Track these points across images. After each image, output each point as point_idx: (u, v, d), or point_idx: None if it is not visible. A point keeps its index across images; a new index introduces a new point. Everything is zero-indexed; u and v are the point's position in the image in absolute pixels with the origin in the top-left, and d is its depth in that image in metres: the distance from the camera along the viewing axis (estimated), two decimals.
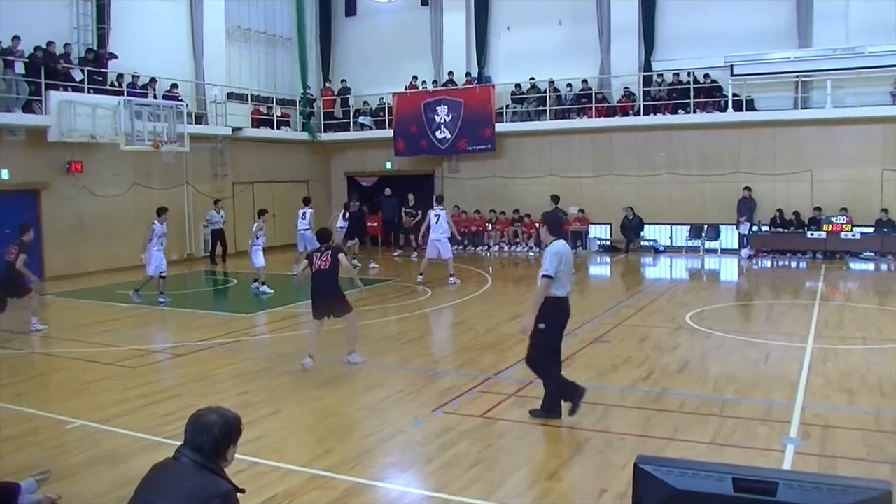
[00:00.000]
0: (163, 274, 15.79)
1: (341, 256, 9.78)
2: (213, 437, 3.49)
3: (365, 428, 7.62)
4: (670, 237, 23.80)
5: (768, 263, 21.10)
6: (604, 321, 12.94)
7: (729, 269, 20.91)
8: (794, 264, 20.83)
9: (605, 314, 13.62)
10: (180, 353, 11.25)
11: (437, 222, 17.77)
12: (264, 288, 16.86)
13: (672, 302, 15.18)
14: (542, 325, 7.54)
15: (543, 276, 7.38)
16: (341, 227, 20.67)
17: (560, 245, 7.58)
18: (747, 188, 22.09)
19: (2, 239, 18.57)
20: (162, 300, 15.55)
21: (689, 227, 23.22)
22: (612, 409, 8.10)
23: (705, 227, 22.93)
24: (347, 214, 21.17)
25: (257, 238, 17.14)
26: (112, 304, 15.71)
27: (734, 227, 22.48)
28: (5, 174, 18.65)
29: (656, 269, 21.17)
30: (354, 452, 6.94)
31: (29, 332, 12.73)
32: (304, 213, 19.94)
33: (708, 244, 22.92)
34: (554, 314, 7.54)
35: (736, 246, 22.51)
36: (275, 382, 9.46)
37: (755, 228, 22.04)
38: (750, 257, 21.58)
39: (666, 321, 12.97)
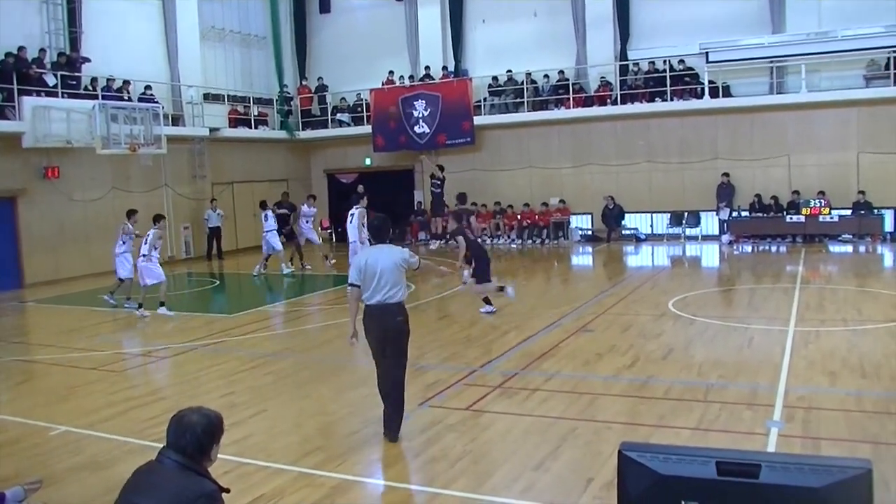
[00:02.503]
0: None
1: None
2: (196, 437, 3.47)
3: (350, 425, 7.62)
4: (651, 225, 23.91)
5: (749, 248, 21.25)
6: (587, 310, 12.98)
7: (710, 256, 21.05)
8: (774, 249, 20.99)
9: (589, 303, 13.66)
10: (164, 355, 11.20)
11: (350, 222, 16.68)
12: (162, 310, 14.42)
13: (655, 289, 15.25)
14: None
15: (348, 284, 7.29)
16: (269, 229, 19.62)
17: (367, 251, 7.34)
18: (726, 174, 22.22)
19: None
20: (110, 300, 15.57)
21: (669, 214, 23.34)
22: (598, 397, 8.13)
23: (685, 214, 23.04)
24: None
25: (155, 248, 14.48)
26: (94, 308, 15.59)
27: (714, 213, 22.63)
28: None
29: (638, 258, 21.27)
30: (341, 449, 6.94)
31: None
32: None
33: (688, 231, 23.03)
34: (363, 321, 7.22)
35: (716, 232, 22.66)
36: (259, 382, 9.44)
37: (735, 214, 22.19)
38: (730, 243, 21.71)
39: (649, 309, 13.03)
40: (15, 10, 19.70)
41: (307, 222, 20.43)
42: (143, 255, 14.32)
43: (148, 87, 22.36)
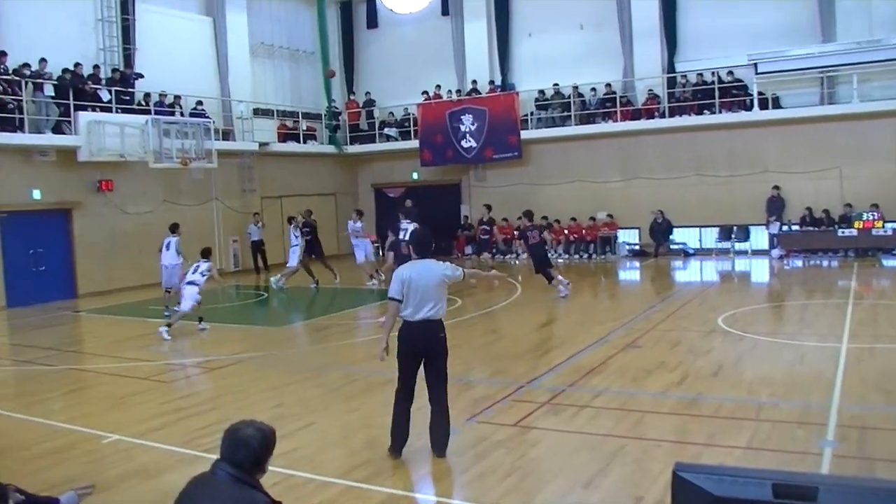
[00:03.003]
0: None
1: None
2: (252, 450, 3.53)
3: None
4: (699, 239, 23.65)
5: (799, 263, 20.90)
6: (635, 326, 12.86)
7: (760, 270, 20.74)
8: (825, 263, 20.63)
9: (637, 319, 13.54)
10: (213, 366, 11.33)
11: (404, 237, 16.46)
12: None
13: (703, 305, 15.07)
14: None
15: (388, 297, 7.01)
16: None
17: (410, 266, 7.02)
18: (776, 187, 21.90)
19: (36, 258, 18.93)
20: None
21: (718, 228, 23.06)
22: (647, 415, 8.03)
23: (734, 228, 22.74)
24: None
25: (203, 277, 14.44)
26: (145, 319, 15.84)
27: (764, 227, 22.29)
28: (38, 194, 18.96)
29: (686, 273, 21.05)
30: (389, 463, 6.94)
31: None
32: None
33: (738, 245, 22.74)
34: (399, 338, 6.99)
35: (766, 246, 22.30)
36: (308, 394, 9.50)
37: (785, 228, 21.84)
38: (781, 257, 21.37)
39: (698, 325, 12.87)
40: (73, 28, 20.28)
41: (355, 237, 19.98)
42: (193, 283, 14.19)
43: (199, 103, 22.77)
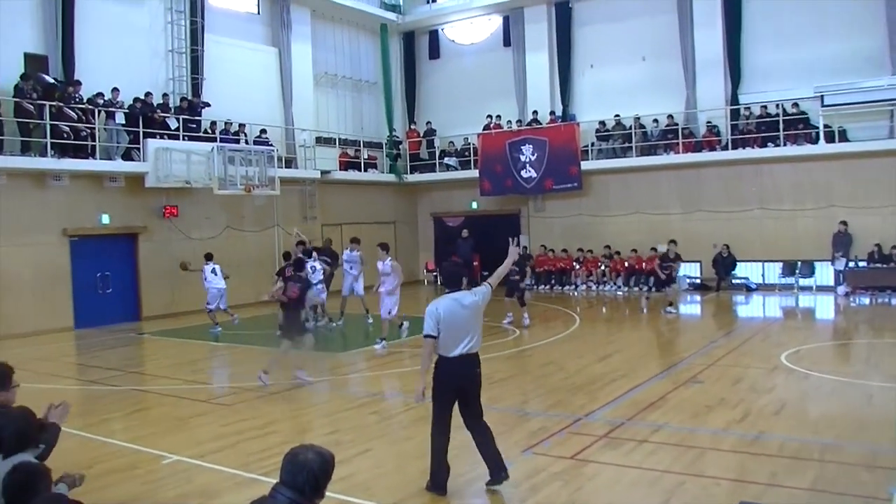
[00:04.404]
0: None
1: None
2: (313, 475, 3.54)
3: (455, 468, 7.55)
4: (762, 274, 23.22)
5: (867, 300, 20.35)
6: (696, 361, 12.65)
7: (825, 307, 20.24)
8: (894, 301, 20.05)
9: (697, 354, 13.33)
10: (272, 391, 11.43)
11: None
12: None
13: (766, 341, 14.77)
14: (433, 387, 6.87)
15: (423, 335, 6.78)
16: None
17: (440, 301, 6.79)
18: (843, 223, 21.40)
19: (103, 281, 19.43)
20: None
21: (781, 263, 22.61)
22: (707, 452, 7.87)
23: (799, 263, 22.28)
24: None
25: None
26: (207, 342, 16.11)
27: (829, 263, 21.77)
28: (106, 219, 19.48)
29: (749, 308, 20.65)
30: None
31: None
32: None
33: (802, 281, 22.26)
34: (437, 375, 6.83)
35: (832, 283, 21.77)
36: (365, 421, 9.53)
37: (852, 264, 21.31)
38: (847, 294, 20.84)
39: (760, 361, 12.59)
40: (144, 58, 21.01)
41: (351, 269, 18.66)
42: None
43: (263, 131, 23.21)
